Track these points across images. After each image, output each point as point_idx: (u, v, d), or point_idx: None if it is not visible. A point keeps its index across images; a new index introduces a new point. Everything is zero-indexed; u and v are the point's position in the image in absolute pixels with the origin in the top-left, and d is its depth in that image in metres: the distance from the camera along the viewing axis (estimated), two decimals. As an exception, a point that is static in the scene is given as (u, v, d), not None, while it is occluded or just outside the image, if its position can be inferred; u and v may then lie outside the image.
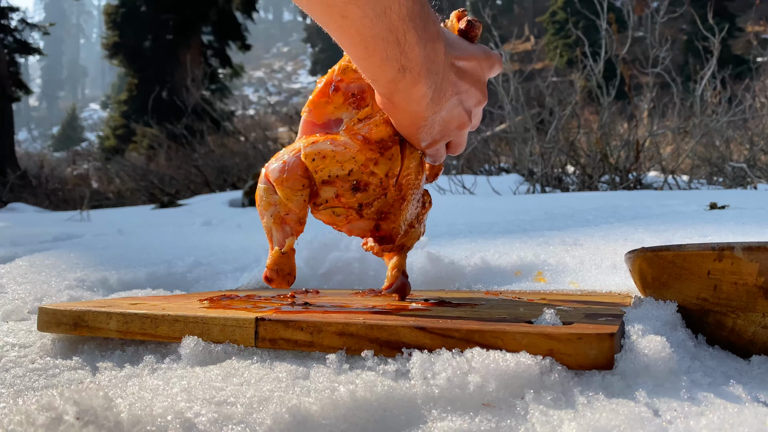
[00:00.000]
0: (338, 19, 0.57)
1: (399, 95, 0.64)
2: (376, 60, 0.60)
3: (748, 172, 3.55)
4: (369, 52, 0.60)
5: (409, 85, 0.63)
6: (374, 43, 0.59)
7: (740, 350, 0.55)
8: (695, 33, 8.20)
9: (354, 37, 0.59)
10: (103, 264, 1.32)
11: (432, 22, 0.62)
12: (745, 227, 1.26)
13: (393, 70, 0.61)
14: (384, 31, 0.58)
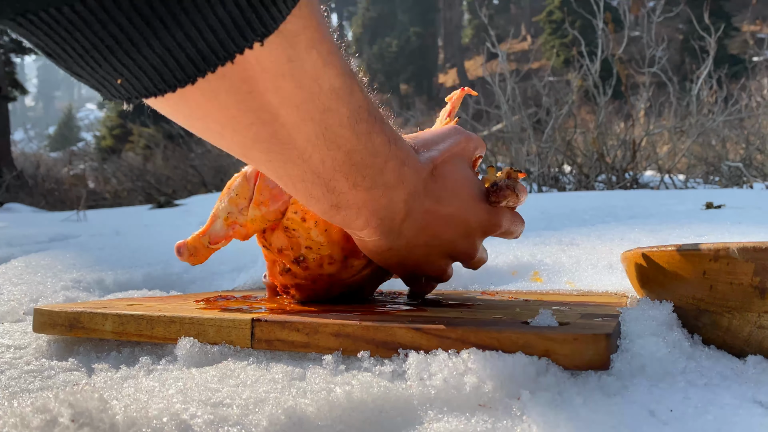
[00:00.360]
0: (242, 158, 0.50)
1: (338, 223, 0.57)
2: (300, 196, 0.53)
3: (744, 172, 3.56)
4: (289, 188, 0.52)
5: (349, 219, 0.55)
6: (292, 183, 0.51)
7: (736, 350, 0.55)
8: (691, 32, 8.21)
9: (269, 173, 0.51)
10: (100, 264, 1.32)
11: (390, 170, 0.54)
12: (741, 227, 1.27)
13: (323, 207, 0.53)
14: (302, 174, 0.49)
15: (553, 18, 22.54)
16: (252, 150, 0.47)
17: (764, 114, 4.68)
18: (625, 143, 4.15)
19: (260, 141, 0.46)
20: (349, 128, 0.49)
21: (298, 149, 0.47)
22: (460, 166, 0.63)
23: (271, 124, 0.45)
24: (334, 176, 0.50)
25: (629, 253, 0.65)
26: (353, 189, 0.52)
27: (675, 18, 16.04)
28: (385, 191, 0.54)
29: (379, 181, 0.53)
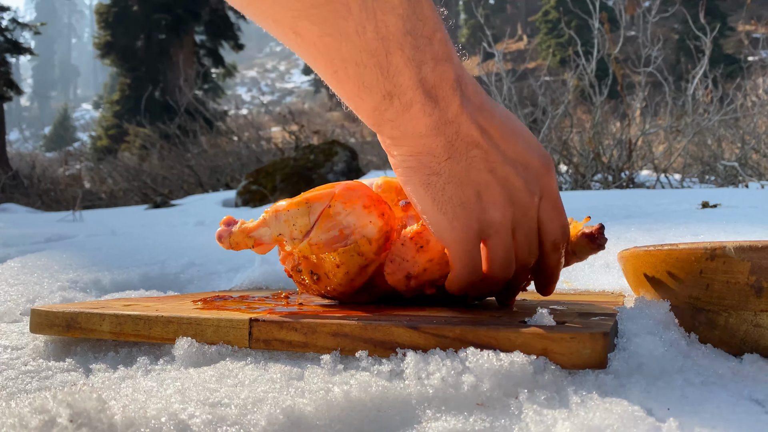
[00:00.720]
0: (291, 36, 0.47)
1: (387, 126, 0.52)
2: (350, 87, 0.50)
3: (739, 171, 3.57)
4: (338, 77, 0.49)
5: (400, 112, 0.51)
6: (344, 68, 0.48)
7: (732, 349, 0.55)
8: (687, 32, 8.23)
9: (318, 59, 0.49)
10: (96, 265, 1.31)
11: (438, 42, 0.51)
12: (737, 226, 1.27)
13: (375, 98, 0.50)
14: (356, 54, 0.47)
15: (549, 18, 22.58)
16: (304, 20, 0.45)
17: (759, 113, 4.70)
18: (621, 143, 4.16)
19: (316, 6, 0.44)
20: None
21: (354, 18, 0.46)
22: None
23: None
24: (390, 49, 0.47)
25: (626, 253, 0.65)
26: (407, 66, 0.49)
27: (670, 18, 16.07)
28: (435, 65, 0.50)
29: (428, 53, 0.49)
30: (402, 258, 0.65)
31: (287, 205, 0.65)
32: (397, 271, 0.65)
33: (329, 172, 4.71)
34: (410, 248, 0.64)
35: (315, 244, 0.65)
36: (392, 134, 0.53)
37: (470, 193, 0.55)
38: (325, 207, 0.64)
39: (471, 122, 0.53)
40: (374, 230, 0.65)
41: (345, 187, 0.66)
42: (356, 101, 0.51)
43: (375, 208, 0.66)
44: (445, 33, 0.52)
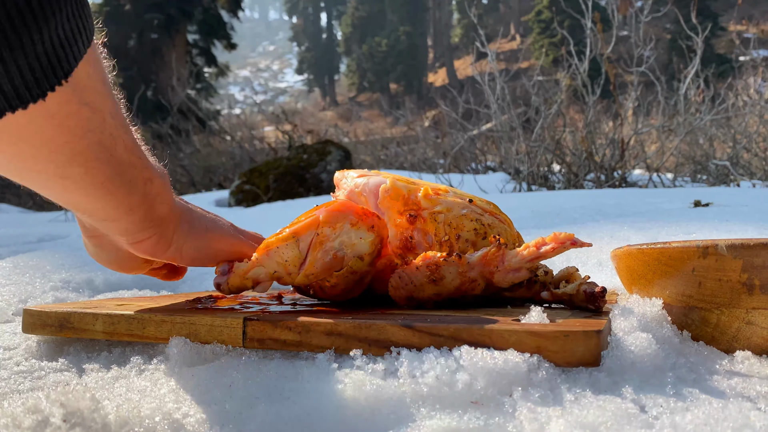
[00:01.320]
0: (58, 177, 0.51)
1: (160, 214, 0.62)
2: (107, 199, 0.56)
3: (731, 170, 3.59)
4: (106, 194, 0.55)
5: (159, 190, 0.61)
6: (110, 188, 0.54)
7: (724, 346, 0.56)
8: (679, 32, 8.25)
9: (91, 185, 0.54)
10: (88, 265, 1.31)
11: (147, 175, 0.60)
12: (729, 224, 1.28)
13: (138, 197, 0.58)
14: (112, 174, 0.54)
15: (542, 17, 22.63)
16: (71, 167, 0.50)
17: (751, 113, 4.72)
18: (614, 142, 4.17)
19: (80, 153, 0.50)
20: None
21: (108, 144, 0.52)
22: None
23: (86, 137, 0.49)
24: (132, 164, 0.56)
25: (619, 251, 0.65)
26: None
27: (662, 18, 16.12)
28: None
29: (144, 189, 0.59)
30: (410, 280, 0.65)
31: (275, 241, 0.65)
32: (401, 289, 0.65)
33: (323, 172, 4.71)
34: (423, 276, 0.64)
35: (312, 274, 0.65)
36: (163, 211, 0.62)
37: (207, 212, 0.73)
38: (313, 237, 0.65)
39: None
40: (366, 245, 0.66)
41: (328, 210, 0.66)
42: (129, 197, 0.57)
43: (363, 223, 0.66)
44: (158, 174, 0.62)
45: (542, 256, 0.62)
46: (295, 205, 3.58)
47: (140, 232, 0.61)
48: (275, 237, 0.66)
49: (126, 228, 0.60)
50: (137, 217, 0.59)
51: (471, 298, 0.66)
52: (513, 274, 0.63)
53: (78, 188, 0.53)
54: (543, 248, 0.61)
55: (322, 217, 0.65)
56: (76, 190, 0.53)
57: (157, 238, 0.63)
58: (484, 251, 0.63)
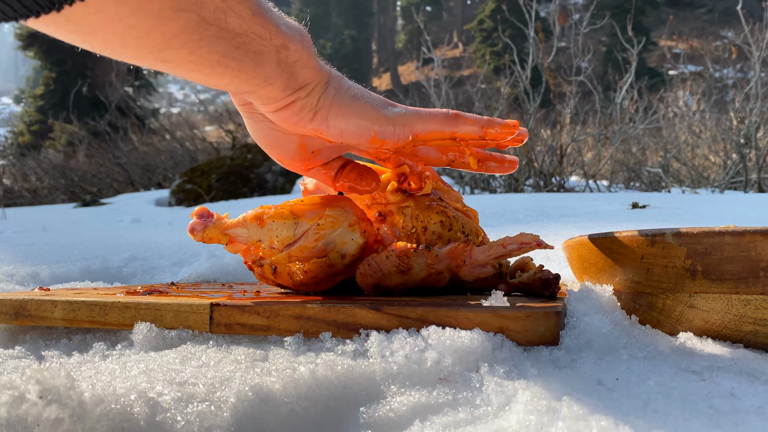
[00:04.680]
0: (159, 61, 0.49)
1: (298, 67, 0.56)
2: (233, 76, 0.52)
3: (663, 177, 3.76)
4: (223, 75, 0.52)
5: (292, 63, 0.55)
6: (225, 66, 0.51)
7: (668, 329, 0.60)
8: (614, 45, 8.56)
9: (199, 69, 0.50)
10: (31, 259, 1.27)
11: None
12: (665, 224, 1.35)
13: (245, 74, 0.52)
14: (227, 49, 0.50)
15: (484, 26, 23.07)
16: (169, 50, 0.46)
17: (680, 125, 4.97)
18: (552, 149, 4.31)
19: (175, 36, 0.46)
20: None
21: (213, 19, 0.47)
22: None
23: (176, 16, 0.45)
24: (252, 25, 0.50)
25: (571, 241, 0.69)
26: (267, 27, 0.52)
27: (599, 31, 16.69)
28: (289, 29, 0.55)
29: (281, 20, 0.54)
30: (379, 268, 0.66)
31: (273, 214, 0.64)
32: (369, 276, 0.67)
33: (268, 172, 4.67)
34: (391, 265, 0.65)
35: (294, 256, 0.65)
36: (306, 76, 0.56)
37: (364, 88, 0.64)
38: (313, 226, 0.65)
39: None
40: (353, 247, 0.67)
41: (334, 206, 0.66)
42: (260, 69, 0.53)
43: (358, 226, 0.67)
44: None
45: (508, 254, 0.64)
46: (239, 205, 3.54)
47: (282, 99, 0.56)
48: (273, 209, 0.65)
49: (267, 96, 0.56)
50: (277, 86, 0.55)
51: (435, 289, 0.68)
52: (479, 269, 0.66)
53: (189, 69, 0.49)
54: (509, 247, 0.64)
55: (327, 210, 0.65)
56: (188, 71, 0.50)
57: (302, 104, 0.57)
58: (453, 246, 0.65)
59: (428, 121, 0.63)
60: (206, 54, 0.48)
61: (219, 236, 0.64)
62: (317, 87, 0.58)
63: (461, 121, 0.63)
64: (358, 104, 0.60)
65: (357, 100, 0.60)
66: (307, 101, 0.57)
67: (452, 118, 0.63)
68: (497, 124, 0.64)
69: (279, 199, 3.55)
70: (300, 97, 0.57)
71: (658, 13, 22.55)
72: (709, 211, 1.75)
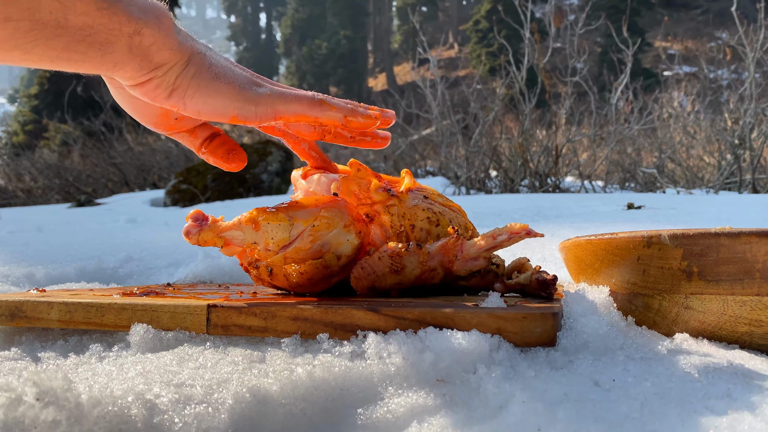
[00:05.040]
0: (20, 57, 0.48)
1: (153, 51, 0.55)
2: (77, 64, 0.52)
3: (658, 178, 3.77)
4: (67, 65, 0.51)
5: (149, 42, 0.54)
6: (67, 58, 0.50)
7: (664, 329, 0.60)
8: (609, 45, 8.58)
9: (42, 61, 0.50)
10: (26, 260, 1.27)
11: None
12: (660, 225, 1.36)
13: (96, 59, 0.52)
14: (67, 42, 0.49)
15: (480, 27, 23.10)
16: (8, 51, 0.46)
17: (675, 125, 4.98)
18: (548, 149, 4.32)
19: (4, 41, 0.46)
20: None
21: (50, 20, 0.47)
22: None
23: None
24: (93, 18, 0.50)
25: (568, 242, 0.69)
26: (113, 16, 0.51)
27: (593, 32, 16.72)
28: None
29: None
30: (373, 270, 0.66)
31: (268, 216, 0.64)
32: (364, 279, 0.67)
33: (263, 172, 4.66)
34: (384, 266, 0.65)
35: (290, 258, 0.65)
36: (162, 57, 0.56)
37: (233, 67, 0.62)
38: (308, 227, 0.65)
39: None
40: (349, 248, 0.67)
41: (329, 207, 0.66)
42: (110, 57, 0.52)
43: (354, 227, 0.67)
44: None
45: (498, 245, 0.65)
46: (234, 205, 3.53)
47: (137, 78, 0.56)
48: (268, 211, 0.65)
49: (121, 76, 0.55)
50: (130, 68, 0.54)
51: (430, 287, 0.68)
52: (471, 262, 0.66)
53: (29, 63, 0.49)
54: (499, 238, 0.64)
55: (322, 212, 0.65)
56: (29, 64, 0.49)
57: (157, 82, 0.57)
58: (443, 241, 0.65)
59: (292, 104, 0.62)
60: (42, 52, 0.48)
61: (214, 239, 0.64)
62: (175, 66, 0.57)
63: (325, 107, 0.63)
64: (218, 83, 0.59)
65: (217, 80, 0.59)
66: (164, 80, 0.57)
67: (317, 104, 0.63)
68: (359, 114, 0.65)
69: (275, 200, 3.55)
70: (156, 76, 0.56)
71: (653, 14, 22.61)
72: (703, 211, 1.76)
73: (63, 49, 0.49)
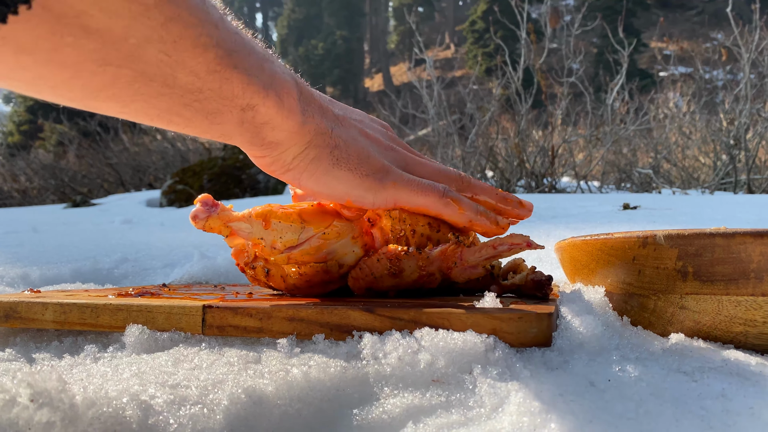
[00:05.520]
0: (98, 107, 0.43)
1: (267, 129, 0.51)
2: (198, 122, 0.47)
3: (653, 178, 3.78)
4: (176, 123, 0.47)
5: (270, 113, 0.50)
6: (172, 115, 0.46)
7: (659, 330, 0.60)
8: (605, 46, 8.61)
9: (140, 117, 0.46)
10: (21, 260, 1.26)
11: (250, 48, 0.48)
12: (656, 225, 1.36)
13: (232, 116, 0.48)
14: (176, 101, 0.44)
15: (476, 27, 23.14)
16: (93, 101, 0.41)
17: (670, 126, 5.00)
18: (544, 150, 4.33)
19: (101, 89, 0.41)
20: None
21: (155, 80, 0.42)
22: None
23: (114, 55, 0.39)
24: (208, 79, 0.45)
25: (563, 243, 0.69)
26: (241, 80, 0.47)
27: (590, 32, 16.76)
28: (262, 63, 0.49)
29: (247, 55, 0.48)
30: (371, 271, 0.66)
31: (280, 215, 0.63)
32: (361, 280, 0.67)
33: (259, 173, 4.66)
34: (383, 267, 0.65)
35: (293, 259, 0.65)
36: (276, 137, 0.52)
37: (363, 146, 0.58)
38: (319, 234, 0.64)
39: (320, 98, 0.57)
40: (352, 258, 0.67)
41: (343, 217, 0.65)
42: (217, 127, 0.49)
43: (361, 239, 0.67)
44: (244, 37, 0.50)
45: (498, 255, 0.65)
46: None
47: (249, 150, 0.52)
48: (282, 210, 0.63)
49: (234, 144, 0.51)
50: (239, 141, 0.51)
51: (426, 290, 0.68)
52: (470, 270, 0.66)
53: (131, 116, 0.45)
54: (500, 248, 0.64)
55: (335, 221, 0.64)
56: (130, 117, 0.45)
57: (272, 159, 0.54)
58: (443, 247, 0.65)
59: (416, 198, 0.61)
60: (142, 108, 0.44)
61: (221, 227, 0.62)
62: (292, 148, 0.54)
63: (451, 208, 0.62)
64: (338, 171, 0.56)
65: (338, 166, 0.56)
66: (279, 158, 0.54)
67: (443, 203, 0.62)
68: (485, 218, 0.64)
69: (271, 200, 3.55)
70: (269, 153, 0.53)
71: (649, 14, 22.69)
72: (699, 212, 1.76)
73: (165, 110, 0.45)
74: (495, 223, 0.65)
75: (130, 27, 0.39)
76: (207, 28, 0.43)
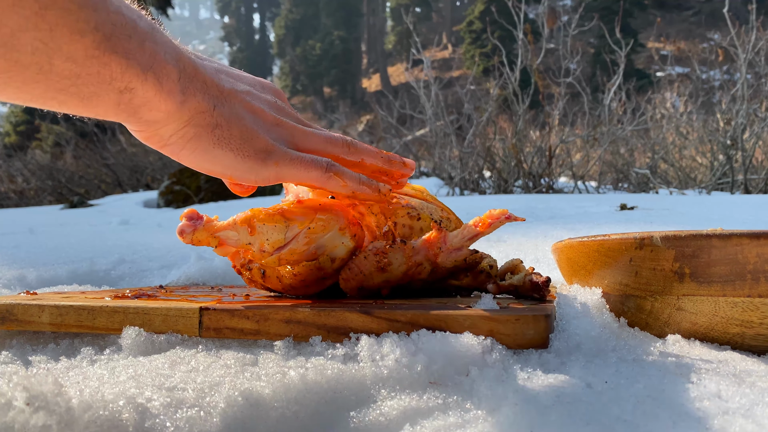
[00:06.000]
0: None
1: (144, 110, 0.50)
2: (75, 103, 0.47)
3: (651, 178, 3.78)
4: (59, 103, 0.46)
5: (148, 96, 0.49)
6: (52, 98, 0.45)
7: (656, 331, 0.60)
8: (602, 46, 8.61)
9: (27, 100, 0.45)
10: (18, 262, 1.26)
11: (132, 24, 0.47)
12: (653, 225, 1.36)
13: (109, 98, 0.47)
14: (57, 85, 0.44)
15: (473, 28, 23.14)
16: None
17: (668, 126, 5.00)
18: (541, 150, 4.33)
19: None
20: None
21: (30, 67, 0.42)
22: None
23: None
24: (87, 64, 0.44)
25: (560, 244, 0.69)
26: (120, 63, 0.46)
27: (587, 33, 16.78)
28: (143, 45, 0.48)
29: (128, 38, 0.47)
30: (360, 270, 0.66)
31: (264, 217, 0.63)
32: (352, 280, 0.67)
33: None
34: (371, 264, 0.65)
35: (284, 260, 0.65)
36: (154, 117, 0.51)
37: (247, 124, 0.57)
38: (304, 230, 0.64)
39: (205, 72, 0.55)
40: (344, 251, 0.67)
41: (325, 209, 0.66)
42: (92, 109, 0.48)
43: (349, 230, 0.67)
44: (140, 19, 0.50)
45: (480, 233, 0.65)
46: (228, 206, 3.53)
47: (127, 124, 0.52)
48: (264, 212, 0.64)
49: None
50: (114, 119, 0.50)
51: (419, 284, 0.68)
52: (455, 253, 0.66)
53: (5, 99, 0.44)
54: (480, 225, 0.65)
55: (318, 214, 0.65)
56: (4, 99, 0.44)
57: (148, 134, 0.53)
58: (427, 235, 0.66)
59: (300, 173, 0.60)
60: (14, 93, 0.43)
61: (208, 239, 0.63)
62: (169, 125, 0.53)
63: (334, 181, 0.62)
64: (217, 151, 0.55)
65: (218, 146, 0.55)
66: (156, 133, 0.53)
67: (325, 177, 0.61)
68: (368, 186, 0.65)
69: (268, 200, 3.54)
70: (146, 129, 0.53)
71: (646, 15, 22.73)
72: (696, 212, 1.77)
73: (39, 96, 0.44)
74: (377, 191, 0.65)
75: (1, 16, 0.38)
76: (85, 13, 0.42)
